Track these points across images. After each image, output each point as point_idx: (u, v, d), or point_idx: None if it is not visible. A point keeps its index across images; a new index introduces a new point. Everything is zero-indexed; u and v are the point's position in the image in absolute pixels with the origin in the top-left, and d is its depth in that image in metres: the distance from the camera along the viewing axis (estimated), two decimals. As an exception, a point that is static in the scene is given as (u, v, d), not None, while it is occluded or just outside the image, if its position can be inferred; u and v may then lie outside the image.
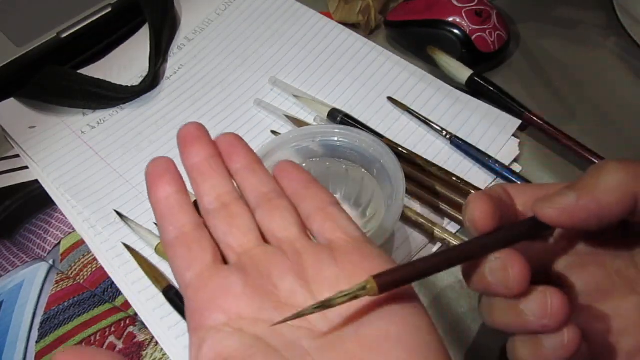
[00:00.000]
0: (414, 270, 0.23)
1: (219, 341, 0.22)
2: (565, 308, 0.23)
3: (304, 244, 0.25)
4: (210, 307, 0.23)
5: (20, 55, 0.48)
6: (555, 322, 0.23)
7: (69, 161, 0.46)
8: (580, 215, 0.24)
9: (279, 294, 0.23)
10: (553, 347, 0.23)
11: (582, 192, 0.24)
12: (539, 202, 0.25)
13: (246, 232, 0.26)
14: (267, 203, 0.27)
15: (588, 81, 0.46)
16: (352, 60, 0.49)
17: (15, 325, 0.38)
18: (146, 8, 0.52)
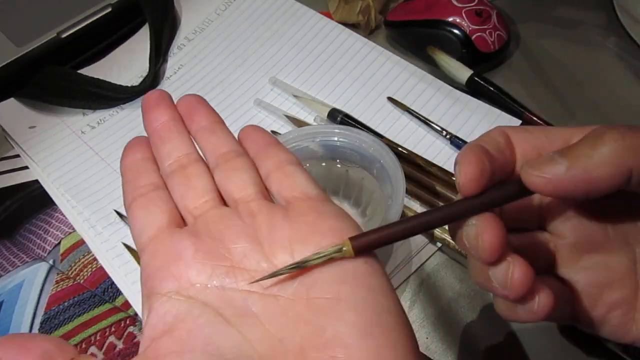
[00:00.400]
0: (391, 233, 0.23)
1: (167, 309, 0.22)
2: (526, 281, 0.23)
3: (259, 204, 0.25)
4: (162, 273, 0.23)
5: (20, 55, 0.48)
6: (515, 294, 0.23)
7: (69, 161, 0.46)
8: (567, 186, 0.23)
9: (232, 257, 0.23)
10: (524, 311, 0.24)
11: (574, 161, 0.22)
12: (526, 167, 0.23)
13: (202, 193, 0.26)
14: (225, 163, 0.27)
15: (588, 81, 0.46)
16: (352, 60, 0.49)
17: (15, 325, 0.38)
18: (146, 8, 0.52)
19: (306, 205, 0.24)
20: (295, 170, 0.26)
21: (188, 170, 0.27)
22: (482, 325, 0.35)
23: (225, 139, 0.28)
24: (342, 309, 0.21)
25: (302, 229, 0.23)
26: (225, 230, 0.24)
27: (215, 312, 0.21)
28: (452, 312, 0.36)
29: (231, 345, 0.21)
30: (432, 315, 0.36)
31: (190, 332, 0.21)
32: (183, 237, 0.24)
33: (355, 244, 0.22)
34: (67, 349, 0.21)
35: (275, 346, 0.21)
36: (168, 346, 0.21)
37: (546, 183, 0.23)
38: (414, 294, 0.37)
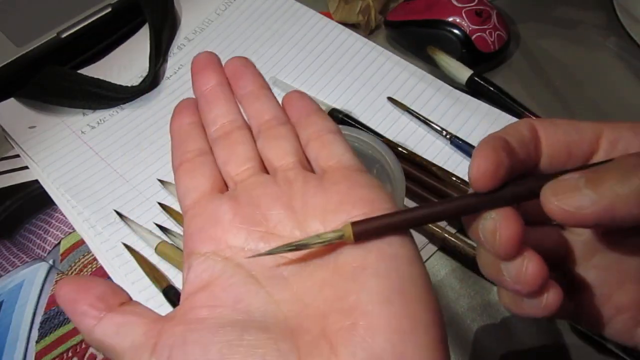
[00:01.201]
0: (394, 221, 0.22)
1: (205, 268, 0.23)
2: (539, 277, 0.22)
3: (297, 173, 0.25)
4: (201, 235, 0.24)
5: (20, 55, 0.49)
6: (528, 289, 0.23)
7: (69, 161, 0.46)
8: (590, 220, 0.21)
9: (267, 223, 0.24)
10: (530, 306, 0.23)
11: (600, 195, 0.21)
12: (549, 193, 0.22)
13: (244, 160, 0.27)
14: (267, 131, 0.27)
15: (588, 81, 0.46)
16: (352, 60, 0.49)
17: (15, 325, 0.38)
18: (146, 8, 0.52)
19: (340, 174, 0.25)
20: (334, 139, 0.27)
21: (232, 137, 0.27)
22: (482, 325, 0.35)
23: (269, 105, 0.29)
24: (365, 276, 0.21)
25: (335, 198, 0.24)
26: (262, 196, 0.25)
27: (248, 273, 0.22)
28: (452, 312, 0.36)
29: (259, 304, 0.21)
30: (432, 315, 0.36)
31: (223, 289, 0.22)
32: (223, 202, 0.25)
33: (356, 229, 0.22)
34: (120, 293, 0.23)
35: (300, 309, 0.21)
36: (202, 300, 0.22)
37: (567, 215, 0.21)
38: (414, 294, 0.37)
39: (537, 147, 0.24)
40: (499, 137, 0.24)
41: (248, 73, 0.30)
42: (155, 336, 0.21)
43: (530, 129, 0.24)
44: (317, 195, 0.24)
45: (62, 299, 0.22)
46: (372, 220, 0.22)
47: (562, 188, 0.22)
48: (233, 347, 0.20)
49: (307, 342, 0.20)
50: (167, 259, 0.39)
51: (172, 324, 0.21)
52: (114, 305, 0.22)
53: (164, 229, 0.40)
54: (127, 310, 0.22)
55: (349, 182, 0.24)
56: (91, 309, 0.22)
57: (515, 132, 0.24)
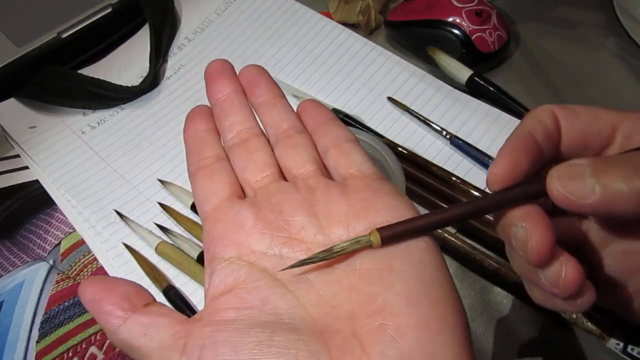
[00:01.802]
0: (418, 225, 0.23)
1: (229, 272, 0.23)
2: (578, 282, 0.22)
3: (317, 180, 0.26)
4: (223, 240, 0.24)
5: (21, 55, 0.49)
6: (566, 293, 0.22)
7: (69, 161, 0.46)
8: (587, 210, 0.21)
9: (290, 229, 0.24)
10: (564, 304, 0.23)
11: (603, 188, 0.21)
12: (553, 174, 0.22)
13: (263, 167, 0.27)
14: (285, 139, 0.28)
15: (588, 81, 0.46)
16: (352, 60, 0.49)
17: (15, 325, 0.38)
18: (146, 8, 0.52)
19: (362, 182, 0.25)
20: (352, 148, 0.27)
21: (249, 144, 0.28)
22: (482, 326, 0.35)
23: (286, 114, 0.29)
24: (392, 279, 0.22)
25: (358, 205, 0.24)
26: (284, 202, 0.25)
27: (273, 277, 0.23)
28: (452, 312, 0.36)
29: (287, 307, 0.22)
30: (432, 315, 0.36)
31: (249, 291, 0.22)
32: (244, 207, 0.25)
33: (383, 234, 0.22)
34: (144, 294, 0.23)
35: (327, 311, 0.22)
36: (228, 302, 0.22)
37: (567, 200, 0.22)
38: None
39: (559, 136, 0.25)
40: (525, 136, 0.24)
41: (263, 81, 0.30)
42: (183, 337, 0.21)
43: (553, 118, 0.25)
44: (340, 202, 0.24)
45: (86, 299, 0.23)
46: (396, 225, 0.23)
47: (567, 173, 0.22)
48: (264, 348, 0.20)
49: (337, 343, 0.20)
50: (167, 259, 0.39)
51: (199, 325, 0.21)
52: (139, 306, 0.22)
53: (164, 229, 0.40)
54: (153, 311, 0.22)
55: (370, 189, 0.25)
56: (116, 308, 0.22)
57: (541, 126, 0.24)
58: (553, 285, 0.23)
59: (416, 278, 0.21)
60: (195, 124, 0.29)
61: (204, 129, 0.29)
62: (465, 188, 0.39)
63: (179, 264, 0.38)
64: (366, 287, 0.22)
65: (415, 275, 0.22)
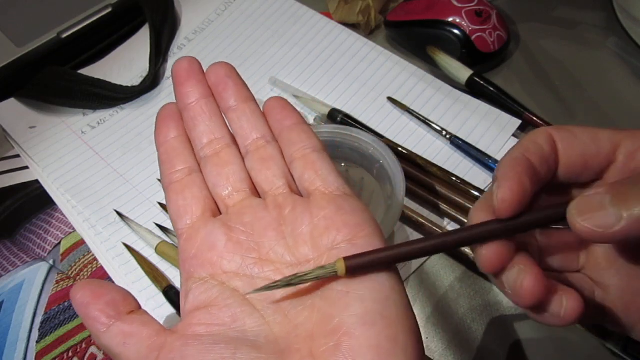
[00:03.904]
0: (385, 256, 0.23)
1: (202, 291, 0.24)
2: (536, 291, 0.22)
3: (285, 197, 0.26)
4: (197, 259, 0.25)
5: (21, 55, 0.49)
6: (526, 303, 0.23)
7: (69, 161, 0.46)
8: (617, 237, 0.21)
9: (259, 250, 0.25)
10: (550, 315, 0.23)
11: (627, 213, 0.20)
12: (575, 214, 0.22)
13: (234, 183, 0.27)
14: (256, 151, 0.28)
15: (588, 81, 0.46)
16: (352, 60, 0.49)
17: (15, 325, 0.38)
18: (146, 8, 0.52)
19: (326, 199, 0.26)
20: (318, 159, 0.27)
21: (221, 156, 0.28)
22: (482, 326, 0.35)
23: (255, 122, 0.29)
24: (349, 299, 0.22)
25: (321, 224, 0.25)
26: (255, 222, 0.26)
27: (243, 297, 0.24)
28: (452, 312, 0.36)
29: (253, 325, 0.23)
30: (432, 316, 0.36)
31: (220, 309, 0.23)
32: (216, 227, 0.26)
33: (349, 264, 0.23)
34: (130, 301, 0.24)
35: (290, 330, 0.23)
36: (200, 318, 0.23)
37: (596, 234, 0.21)
38: (414, 294, 0.37)
39: (556, 159, 0.24)
40: (522, 159, 0.23)
41: (232, 84, 0.29)
42: (157, 349, 0.22)
43: (549, 141, 0.24)
44: (304, 221, 0.25)
45: (76, 303, 0.24)
46: (363, 255, 0.23)
47: (587, 207, 0.22)
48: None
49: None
50: (167, 259, 0.39)
51: (173, 338, 0.23)
52: (123, 313, 0.23)
53: (164, 229, 0.40)
54: (135, 320, 0.23)
55: (334, 206, 0.25)
56: (101, 315, 0.23)
57: (536, 147, 0.24)
58: (514, 294, 0.23)
59: (372, 299, 0.22)
60: (166, 130, 0.29)
61: (174, 137, 0.29)
62: (465, 188, 0.39)
63: (179, 264, 0.38)
64: (326, 307, 0.22)
65: (372, 296, 0.22)
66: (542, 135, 0.24)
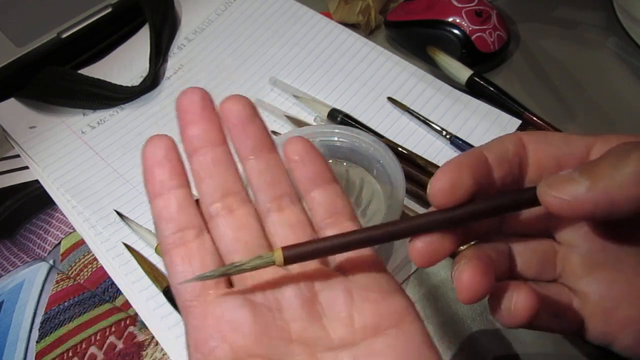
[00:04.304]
0: (322, 247, 0.23)
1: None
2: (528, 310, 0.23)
3: (317, 272, 0.24)
4: (216, 340, 0.22)
5: (21, 55, 0.49)
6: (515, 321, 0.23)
7: (69, 161, 0.46)
8: (587, 208, 0.21)
9: (290, 330, 0.22)
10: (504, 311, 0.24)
11: (595, 181, 0.21)
12: (544, 186, 0.22)
13: (253, 248, 0.24)
14: (279, 211, 0.25)
15: (588, 81, 0.46)
16: (352, 60, 0.49)
17: (15, 325, 0.38)
18: (146, 8, 0.52)
19: (366, 278, 0.24)
20: (350, 224, 0.25)
21: (236, 216, 0.24)
22: (482, 325, 0.35)
23: (278, 175, 0.25)
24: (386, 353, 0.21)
25: (366, 309, 0.23)
26: (282, 300, 0.23)
27: None
28: (452, 312, 0.36)
29: None
30: (432, 315, 0.36)
31: None
32: (237, 304, 0.22)
33: (287, 254, 0.22)
34: None
35: None
36: None
37: (564, 204, 0.21)
38: (414, 294, 0.37)
39: (522, 163, 0.24)
40: (473, 154, 0.23)
41: (254, 130, 0.25)
42: None
43: (517, 143, 0.24)
44: (344, 304, 0.23)
45: None
46: (303, 244, 0.23)
47: (557, 181, 0.22)
48: None
49: None
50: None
51: None
52: None
53: (164, 229, 0.40)
54: None
55: (377, 289, 0.23)
56: None
57: (498, 147, 0.24)
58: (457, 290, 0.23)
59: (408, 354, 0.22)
60: (161, 175, 0.24)
61: (174, 187, 0.24)
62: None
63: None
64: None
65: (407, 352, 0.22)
66: (510, 137, 0.25)
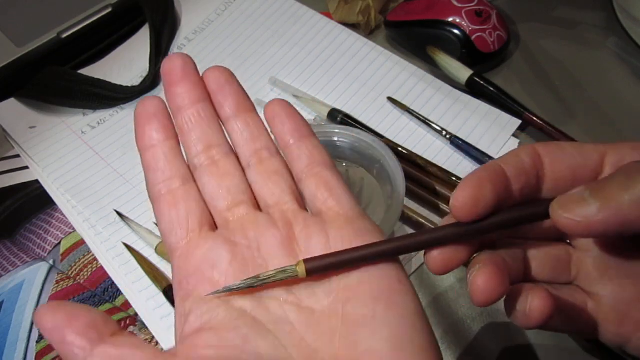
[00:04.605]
0: (346, 259, 0.23)
1: (206, 311, 0.22)
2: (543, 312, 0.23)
3: (296, 214, 0.25)
4: (197, 277, 0.23)
5: (21, 55, 0.49)
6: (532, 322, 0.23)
7: (69, 161, 0.46)
8: (599, 228, 0.21)
9: (268, 267, 0.23)
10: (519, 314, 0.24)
11: (605, 202, 0.21)
12: (557, 207, 0.22)
13: (236, 195, 0.25)
14: (259, 164, 0.26)
15: (588, 81, 0.46)
16: (352, 60, 0.49)
17: (15, 325, 0.38)
18: (146, 8, 0.52)
19: (343, 219, 0.24)
20: (331, 177, 0.26)
21: (219, 166, 0.26)
22: (482, 325, 0.35)
23: (258, 132, 0.27)
24: (376, 325, 0.21)
25: (339, 246, 0.23)
26: (261, 239, 0.24)
27: (252, 317, 0.22)
28: (452, 312, 0.36)
29: (268, 348, 0.21)
30: (432, 316, 0.36)
31: (229, 331, 0.21)
32: (218, 243, 0.24)
33: (309, 267, 0.22)
34: (112, 323, 0.21)
35: (310, 354, 0.21)
36: (206, 340, 0.21)
37: (576, 225, 0.22)
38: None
39: (539, 173, 0.24)
40: (492, 167, 0.24)
41: (232, 92, 0.27)
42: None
43: (533, 154, 0.24)
44: (320, 241, 0.24)
45: (46, 327, 0.20)
46: (324, 257, 0.23)
47: (568, 201, 0.22)
48: None
49: None
50: (167, 259, 0.39)
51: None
52: (106, 335, 0.20)
53: (164, 229, 0.40)
54: (123, 343, 0.20)
55: (351, 228, 0.24)
56: (81, 338, 0.20)
57: (515, 160, 0.24)
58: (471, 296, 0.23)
59: (400, 325, 0.21)
60: (150, 131, 0.26)
61: (163, 140, 0.26)
62: (465, 188, 0.39)
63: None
64: (349, 332, 0.21)
65: (399, 322, 0.22)
66: (526, 149, 0.25)
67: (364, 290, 0.22)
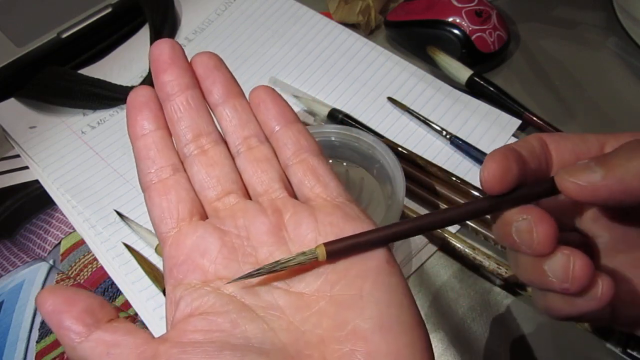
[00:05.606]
0: (366, 240, 0.23)
1: (196, 298, 0.22)
2: (587, 273, 0.22)
3: (284, 201, 0.25)
4: (187, 265, 0.23)
5: (21, 55, 0.49)
6: (577, 286, 0.22)
7: (69, 161, 0.46)
8: (602, 194, 0.22)
9: (257, 255, 0.24)
10: (585, 300, 0.23)
11: (609, 170, 0.22)
12: (562, 172, 0.23)
13: (225, 185, 0.26)
14: (248, 151, 0.27)
15: (588, 81, 0.46)
16: (352, 60, 0.49)
17: (15, 325, 0.38)
18: (146, 8, 0.52)
19: (331, 205, 0.25)
20: (318, 164, 0.26)
21: (209, 155, 0.26)
22: (482, 326, 0.35)
23: (247, 118, 0.27)
24: (363, 304, 0.22)
25: (328, 232, 0.24)
26: (250, 226, 0.24)
27: (241, 303, 0.22)
28: (452, 312, 0.36)
29: (256, 331, 0.21)
30: (432, 316, 0.36)
31: (218, 315, 0.22)
32: (208, 231, 0.24)
33: (329, 249, 0.22)
34: (109, 308, 0.22)
35: (298, 337, 0.21)
36: (196, 324, 0.21)
37: (581, 189, 0.23)
38: (414, 294, 0.37)
39: (547, 159, 0.25)
40: (510, 147, 0.24)
41: (221, 77, 0.28)
42: (150, 358, 0.20)
43: (540, 142, 0.25)
44: (309, 228, 0.24)
45: (46, 310, 0.21)
46: (343, 240, 0.23)
47: (574, 168, 0.23)
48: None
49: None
50: (167, 259, 0.39)
51: (166, 347, 0.21)
52: (102, 321, 0.21)
53: (164, 229, 0.40)
54: (117, 328, 0.21)
55: (339, 214, 0.24)
56: (77, 323, 0.21)
57: (526, 144, 0.25)
58: (563, 280, 0.22)
59: (387, 304, 0.22)
60: (141, 120, 0.26)
61: (153, 129, 0.26)
62: (465, 188, 0.39)
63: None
64: (337, 312, 0.22)
65: (386, 301, 0.22)
66: (533, 136, 0.26)
67: (353, 271, 0.23)
